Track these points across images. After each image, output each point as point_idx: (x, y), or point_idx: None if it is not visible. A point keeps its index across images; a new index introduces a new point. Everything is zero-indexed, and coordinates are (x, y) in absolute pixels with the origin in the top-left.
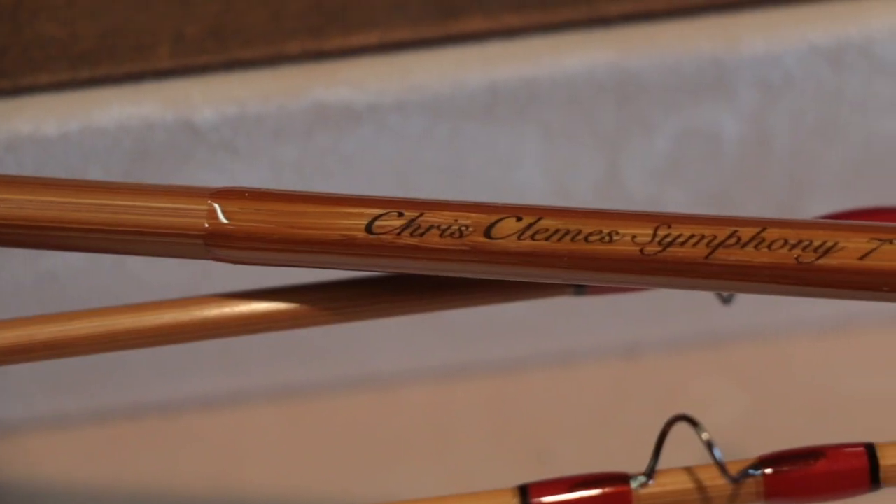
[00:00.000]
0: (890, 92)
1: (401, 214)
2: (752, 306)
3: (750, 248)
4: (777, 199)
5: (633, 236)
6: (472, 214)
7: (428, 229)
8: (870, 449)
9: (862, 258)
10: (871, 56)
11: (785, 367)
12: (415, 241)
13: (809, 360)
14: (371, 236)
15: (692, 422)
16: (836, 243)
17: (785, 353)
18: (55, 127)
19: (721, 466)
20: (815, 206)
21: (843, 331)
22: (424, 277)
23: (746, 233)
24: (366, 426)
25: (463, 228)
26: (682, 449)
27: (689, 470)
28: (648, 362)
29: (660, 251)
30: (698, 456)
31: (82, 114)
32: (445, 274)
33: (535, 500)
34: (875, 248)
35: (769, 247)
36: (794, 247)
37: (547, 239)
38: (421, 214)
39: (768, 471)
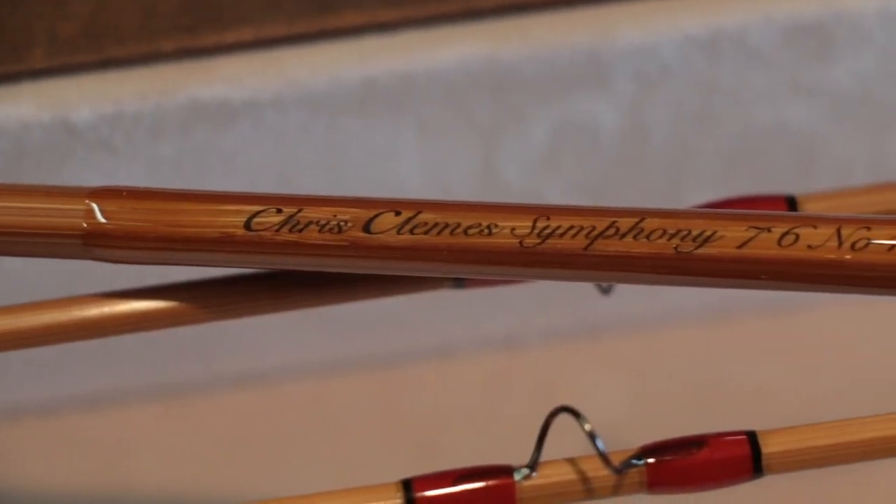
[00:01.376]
0: (763, 81)
1: (279, 211)
2: (632, 296)
3: (629, 239)
4: (655, 190)
5: (513, 229)
6: (351, 209)
7: (307, 225)
8: (751, 437)
9: (740, 247)
10: (744, 46)
11: (665, 356)
12: (294, 237)
13: (690, 349)
14: (250, 233)
15: (574, 413)
16: (714, 232)
17: (665, 342)
18: None
19: (604, 457)
20: (693, 196)
21: (723, 319)
22: (305, 273)
23: (625, 223)
24: (249, 422)
25: (342, 224)
26: (566, 440)
27: (572, 461)
28: (529, 354)
29: (539, 243)
30: (582, 447)
31: None
32: (326, 269)
33: (419, 493)
34: (753, 237)
35: (648, 237)
36: (672, 236)
37: (426, 233)
38: (299, 210)
39: (651, 460)
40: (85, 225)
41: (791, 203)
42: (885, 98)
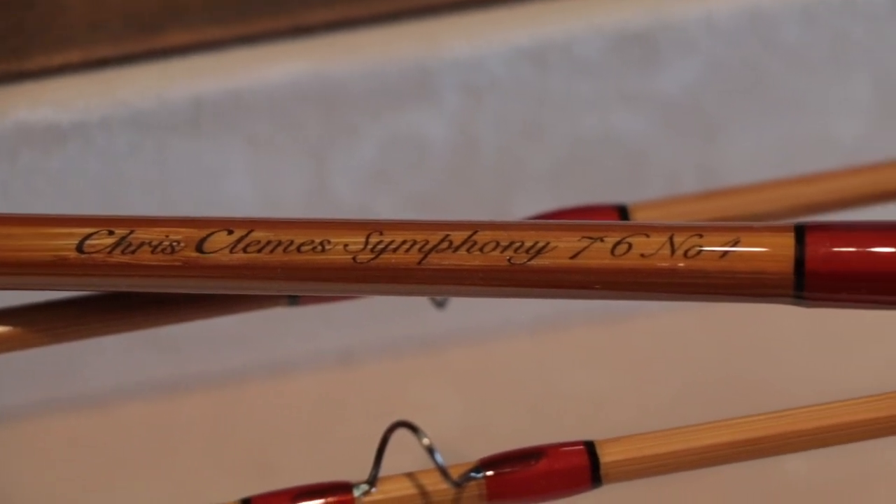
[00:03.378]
0: (591, 90)
1: (111, 233)
2: (466, 309)
3: (462, 252)
4: (486, 202)
5: (346, 245)
6: (183, 229)
7: (139, 246)
8: (589, 447)
9: (573, 257)
10: (572, 56)
11: (502, 367)
12: (126, 258)
13: (526, 360)
14: (82, 256)
15: (412, 427)
16: (547, 243)
17: (502, 353)
18: None
19: (443, 471)
20: (524, 207)
21: (558, 329)
22: (139, 294)
23: (458, 237)
24: (83, 445)
25: (174, 244)
26: (405, 454)
27: (411, 476)
28: (365, 369)
29: (373, 258)
30: (421, 461)
31: None
32: (160, 290)
33: None
34: (586, 247)
35: (481, 249)
36: (505, 248)
37: (259, 251)
38: (131, 232)
39: (490, 473)
40: None
41: (622, 212)
42: (712, 105)
